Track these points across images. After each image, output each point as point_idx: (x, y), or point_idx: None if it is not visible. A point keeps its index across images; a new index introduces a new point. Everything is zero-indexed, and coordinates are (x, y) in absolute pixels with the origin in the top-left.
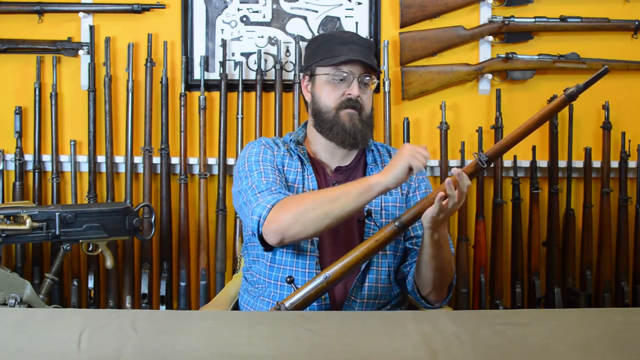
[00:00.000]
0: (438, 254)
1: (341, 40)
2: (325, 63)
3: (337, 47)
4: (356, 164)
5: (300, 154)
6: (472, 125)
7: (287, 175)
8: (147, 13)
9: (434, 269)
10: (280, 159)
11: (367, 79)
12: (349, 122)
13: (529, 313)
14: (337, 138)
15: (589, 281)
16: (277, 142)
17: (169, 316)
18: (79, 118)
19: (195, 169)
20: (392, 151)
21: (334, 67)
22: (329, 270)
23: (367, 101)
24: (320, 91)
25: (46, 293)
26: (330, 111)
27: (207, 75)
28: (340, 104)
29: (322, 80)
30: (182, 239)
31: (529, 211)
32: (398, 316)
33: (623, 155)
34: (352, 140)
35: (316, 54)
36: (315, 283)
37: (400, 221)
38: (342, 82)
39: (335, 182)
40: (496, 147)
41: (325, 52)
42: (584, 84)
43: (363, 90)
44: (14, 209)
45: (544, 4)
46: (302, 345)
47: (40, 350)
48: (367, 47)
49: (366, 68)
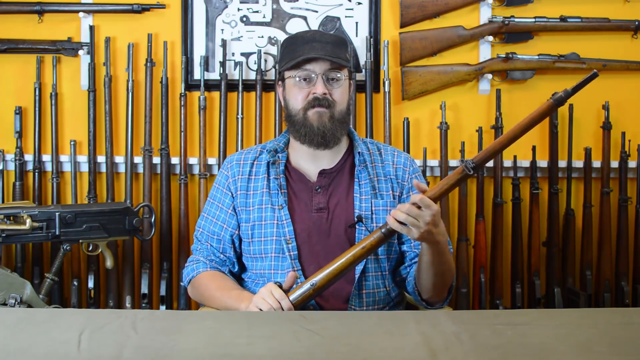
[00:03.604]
0: (437, 261)
1: (302, 40)
2: (289, 66)
3: (299, 48)
4: (341, 166)
5: (276, 166)
6: (472, 125)
7: (253, 199)
8: (147, 13)
9: (434, 275)
10: (245, 182)
11: (334, 75)
12: (317, 122)
13: (529, 313)
14: (306, 138)
15: (589, 281)
16: (247, 157)
17: (169, 316)
18: (79, 118)
19: (195, 169)
20: (382, 149)
21: (297, 69)
22: (315, 277)
23: (339, 97)
24: (289, 94)
25: (46, 293)
26: (299, 112)
27: (207, 75)
28: (307, 104)
29: (290, 84)
30: (182, 239)
31: (529, 211)
32: (398, 316)
33: (623, 155)
34: (320, 139)
35: (282, 58)
36: (301, 290)
37: (386, 228)
38: (306, 82)
39: (318, 187)
40: (483, 154)
41: (289, 54)
42: (572, 89)
43: (331, 87)
44: (14, 209)
45: (544, 4)
46: (302, 345)
47: (40, 350)
48: (332, 42)
49: (332, 64)
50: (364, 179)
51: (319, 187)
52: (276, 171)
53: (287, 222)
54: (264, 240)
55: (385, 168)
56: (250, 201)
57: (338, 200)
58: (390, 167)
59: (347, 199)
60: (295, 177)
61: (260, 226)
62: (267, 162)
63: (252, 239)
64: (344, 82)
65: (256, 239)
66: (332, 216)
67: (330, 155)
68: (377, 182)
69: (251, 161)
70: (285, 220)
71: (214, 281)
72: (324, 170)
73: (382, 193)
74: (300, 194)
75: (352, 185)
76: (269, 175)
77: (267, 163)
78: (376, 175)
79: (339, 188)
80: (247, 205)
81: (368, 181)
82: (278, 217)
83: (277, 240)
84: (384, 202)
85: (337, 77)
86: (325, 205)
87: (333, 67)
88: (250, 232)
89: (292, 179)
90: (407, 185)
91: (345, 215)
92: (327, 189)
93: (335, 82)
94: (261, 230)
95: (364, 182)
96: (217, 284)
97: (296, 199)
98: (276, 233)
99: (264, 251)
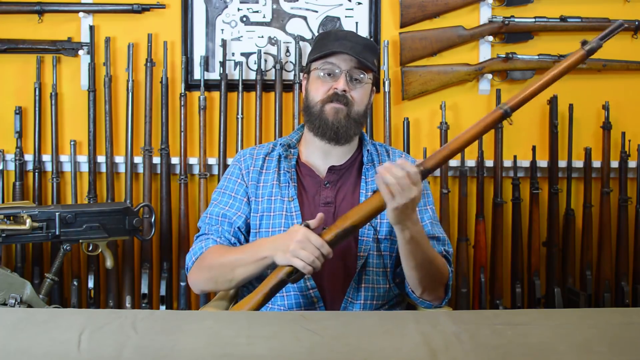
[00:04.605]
0: (415, 252)
1: (335, 36)
2: (316, 56)
3: (329, 43)
4: (351, 163)
5: (287, 160)
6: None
7: (263, 190)
8: (147, 13)
9: (415, 267)
10: (256, 174)
11: (358, 75)
12: (332, 116)
13: (529, 313)
14: (319, 131)
15: (589, 281)
16: (260, 152)
17: (169, 316)
18: (79, 118)
19: (195, 169)
20: (390, 151)
21: (323, 61)
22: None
23: (358, 98)
24: (311, 86)
25: (46, 293)
26: (317, 104)
27: (207, 75)
28: (326, 98)
29: (314, 76)
30: (182, 239)
31: (529, 211)
32: (398, 316)
33: (623, 155)
34: (332, 134)
35: (313, 50)
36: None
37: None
38: (330, 76)
39: (327, 182)
40: (519, 99)
41: (319, 48)
42: (600, 38)
43: (353, 86)
44: (14, 209)
45: (544, 4)
46: (302, 345)
47: (40, 350)
48: (363, 44)
49: (358, 64)
50: (370, 176)
51: (327, 182)
52: (288, 165)
53: (296, 214)
54: (271, 232)
55: None
56: (260, 192)
57: (345, 195)
58: None
59: (353, 194)
60: (305, 172)
61: (269, 217)
62: (279, 157)
63: (260, 230)
64: (366, 84)
65: (263, 230)
66: (338, 210)
67: (341, 153)
68: None
69: (263, 155)
70: (295, 212)
71: (222, 248)
72: (334, 167)
73: None
74: (309, 189)
75: (359, 181)
76: (280, 168)
77: (279, 157)
78: None
79: (347, 184)
80: (257, 196)
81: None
82: (287, 208)
83: (285, 232)
84: None
85: (360, 77)
86: (332, 200)
87: (358, 66)
88: (258, 222)
89: (302, 173)
90: None
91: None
92: (335, 184)
93: (357, 82)
94: (269, 221)
95: (370, 179)
96: (226, 249)
97: (305, 193)
98: (284, 224)
99: None
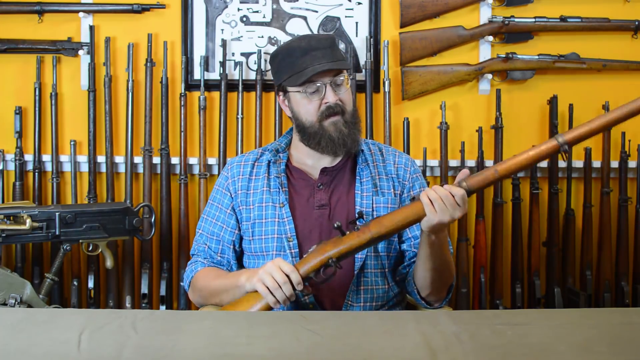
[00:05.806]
0: (435, 255)
1: (300, 51)
2: (294, 82)
3: (299, 61)
4: (343, 164)
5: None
6: (472, 125)
7: (254, 197)
8: (147, 13)
9: (431, 269)
10: (245, 182)
11: (339, 79)
12: (335, 132)
13: (529, 313)
14: (328, 149)
15: (589, 281)
16: (248, 159)
17: (169, 316)
18: (79, 118)
19: (195, 169)
20: (384, 149)
21: (304, 85)
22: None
23: (346, 99)
24: (298, 107)
25: (46, 293)
26: (314, 124)
27: (207, 75)
28: (321, 115)
29: (296, 98)
30: (182, 239)
31: (529, 211)
32: (398, 316)
33: (623, 155)
34: (343, 147)
35: (281, 71)
36: (313, 262)
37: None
38: (315, 93)
39: (320, 184)
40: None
41: (289, 68)
42: None
43: (339, 91)
44: (14, 209)
45: (544, 4)
46: (302, 345)
47: (40, 350)
48: (329, 46)
49: (336, 70)
50: (365, 177)
51: (320, 184)
52: (277, 170)
53: (288, 219)
54: (264, 238)
55: (387, 167)
56: (251, 199)
57: (339, 197)
58: (392, 166)
59: (348, 195)
60: (297, 176)
61: (261, 224)
62: (268, 162)
63: (253, 237)
64: (347, 82)
65: (257, 237)
66: (334, 213)
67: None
68: (378, 180)
69: (252, 162)
70: (287, 218)
71: (211, 272)
72: (326, 168)
73: (384, 191)
74: (302, 192)
75: (353, 182)
76: (270, 174)
77: (268, 163)
78: (377, 173)
79: (341, 185)
80: (247, 203)
81: (369, 179)
82: (279, 215)
83: (278, 238)
84: (385, 200)
85: (341, 80)
86: (327, 202)
87: (336, 72)
88: (251, 229)
89: (293, 177)
90: (408, 184)
91: (347, 212)
92: (328, 186)
93: (340, 85)
94: (262, 228)
95: (365, 179)
96: (215, 274)
97: (297, 197)
98: (277, 231)
99: (265, 249)
